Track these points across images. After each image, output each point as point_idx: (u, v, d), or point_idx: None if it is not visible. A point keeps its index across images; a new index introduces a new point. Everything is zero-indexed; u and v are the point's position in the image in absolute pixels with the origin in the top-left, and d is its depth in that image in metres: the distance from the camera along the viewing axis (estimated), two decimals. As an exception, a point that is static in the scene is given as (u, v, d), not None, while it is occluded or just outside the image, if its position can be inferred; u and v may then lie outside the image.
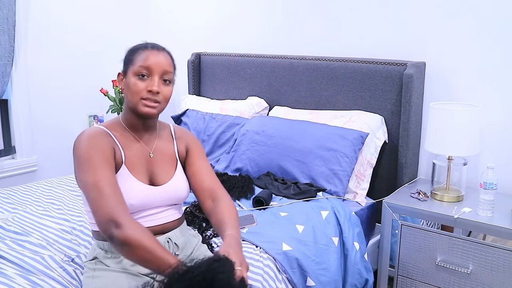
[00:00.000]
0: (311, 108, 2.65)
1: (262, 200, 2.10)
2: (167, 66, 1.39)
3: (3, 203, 2.08)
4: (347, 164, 2.27)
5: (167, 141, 1.52)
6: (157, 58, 1.37)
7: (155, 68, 1.36)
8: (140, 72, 1.36)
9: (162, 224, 1.43)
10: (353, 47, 2.57)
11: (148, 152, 1.45)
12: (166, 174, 1.46)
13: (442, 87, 2.34)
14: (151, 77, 1.37)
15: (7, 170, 2.88)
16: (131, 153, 1.41)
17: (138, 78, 1.36)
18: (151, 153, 1.45)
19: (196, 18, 3.24)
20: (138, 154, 1.42)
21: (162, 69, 1.37)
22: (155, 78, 1.37)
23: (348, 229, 2.01)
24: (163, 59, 1.39)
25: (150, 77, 1.37)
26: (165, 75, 1.39)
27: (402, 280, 2.11)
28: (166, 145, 1.50)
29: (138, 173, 1.40)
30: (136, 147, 1.43)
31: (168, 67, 1.39)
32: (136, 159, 1.41)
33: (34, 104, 2.95)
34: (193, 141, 1.57)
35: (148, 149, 1.46)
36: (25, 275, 1.47)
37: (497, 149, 2.22)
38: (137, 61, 1.37)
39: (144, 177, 1.41)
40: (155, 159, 1.45)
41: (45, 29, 2.97)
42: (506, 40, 2.14)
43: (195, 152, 1.53)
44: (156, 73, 1.37)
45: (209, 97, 3.12)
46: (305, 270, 1.76)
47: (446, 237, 1.96)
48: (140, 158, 1.42)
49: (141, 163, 1.42)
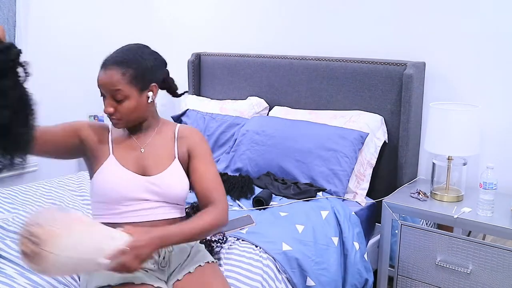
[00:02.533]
0: (311, 108, 2.65)
1: (262, 200, 2.10)
2: (113, 84, 1.36)
3: (3, 203, 2.08)
4: (347, 164, 2.27)
5: (167, 140, 1.51)
6: (103, 78, 1.38)
7: (104, 89, 1.39)
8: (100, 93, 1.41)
9: (152, 221, 1.42)
10: (353, 47, 2.57)
11: (139, 147, 1.47)
12: (158, 167, 1.46)
13: (442, 87, 2.34)
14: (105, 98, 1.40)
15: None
16: (121, 147, 1.46)
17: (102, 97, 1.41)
18: (142, 148, 1.47)
19: (196, 18, 3.24)
20: (128, 148, 1.47)
21: (109, 89, 1.37)
22: (107, 99, 1.40)
23: (348, 229, 2.01)
24: (108, 78, 1.36)
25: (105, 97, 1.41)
26: (115, 94, 1.37)
27: (402, 280, 2.11)
28: (164, 143, 1.50)
29: (126, 163, 1.44)
30: (128, 142, 1.48)
31: (115, 85, 1.36)
32: (125, 152, 1.46)
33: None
34: (198, 144, 1.51)
35: (140, 144, 1.48)
36: (25, 274, 1.47)
37: (497, 149, 2.22)
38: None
39: (134, 167, 1.44)
40: (146, 154, 1.47)
41: (45, 29, 2.97)
42: (506, 40, 2.14)
43: (198, 156, 1.49)
44: (107, 94, 1.39)
45: (209, 97, 3.12)
46: (305, 270, 1.76)
47: (446, 237, 1.96)
48: (130, 152, 1.46)
49: (131, 156, 1.46)
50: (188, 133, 1.54)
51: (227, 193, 2.24)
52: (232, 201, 2.18)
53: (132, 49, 1.43)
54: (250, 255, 1.67)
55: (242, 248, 1.72)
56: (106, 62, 1.39)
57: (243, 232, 1.83)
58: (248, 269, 1.61)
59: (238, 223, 1.89)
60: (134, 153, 1.46)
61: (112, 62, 1.38)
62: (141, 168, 1.45)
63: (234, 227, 1.86)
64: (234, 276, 1.57)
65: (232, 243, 1.75)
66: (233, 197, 2.21)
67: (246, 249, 1.71)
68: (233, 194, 2.22)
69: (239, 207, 2.12)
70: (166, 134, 1.52)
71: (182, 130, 1.55)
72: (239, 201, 2.18)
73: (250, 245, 1.74)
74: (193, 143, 1.51)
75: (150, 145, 1.48)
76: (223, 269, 1.59)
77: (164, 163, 1.47)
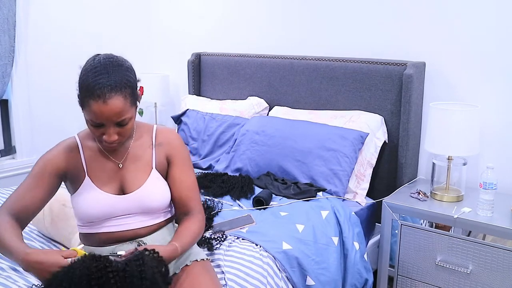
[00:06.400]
0: (311, 108, 2.65)
1: (262, 200, 2.10)
2: (119, 113, 1.27)
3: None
4: (347, 164, 2.28)
5: (144, 148, 1.46)
6: (107, 111, 1.25)
7: (107, 121, 1.28)
8: (94, 123, 1.29)
9: (132, 229, 1.40)
10: (353, 47, 2.57)
11: (117, 162, 1.42)
12: (137, 181, 1.41)
13: (442, 87, 2.34)
14: (104, 127, 1.30)
15: (7, 170, 2.88)
16: (97, 165, 1.40)
17: (92, 126, 1.30)
18: (120, 164, 1.42)
19: (196, 18, 3.24)
20: (104, 165, 1.41)
21: (114, 119, 1.28)
22: (110, 129, 1.30)
23: (348, 229, 2.01)
24: (112, 109, 1.25)
25: (102, 126, 1.30)
26: (121, 121, 1.29)
27: (402, 280, 2.11)
28: (142, 152, 1.45)
29: (103, 184, 1.39)
30: (104, 158, 1.41)
31: (120, 113, 1.27)
32: (101, 170, 1.40)
33: (34, 104, 2.96)
34: (176, 149, 1.48)
35: (117, 160, 1.42)
36: (24, 276, 1.48)
37: (497, 149, 2.22)
38: (86, 110, 1.28)
39: (111, 187, 1.39)
40: (125, 169, 1.42)
41: (45, 30, 2.97)
42: (506, 40, 2.14)
43: (176, 163, 1.47)
44: (109, 124, 1.29)
45: (209, 97, 3.12)
46: (305, 269, 1.76)
47: (446, 237, 1.96)
48: (106, 169, 1.41)
49: (108, 174, 1.40)
50: (166, 139, 1.49)
51: (227, 193, 2.25)
52: (232, 201, 2.18)
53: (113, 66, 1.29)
54: (250, 253, 1.67)
55: (242, 246, 1.72)
56: (101, 92, 1.24)
57: (243, 231, 1.84)
58: (248, 266, 1.61)
59: (238, 223, 1.89)
60: (110, 170, 1.41)
61: (109, 90, 1.24)
62: (119, 186, 1.41)
63: (234, 226, 1.86)
64: (234, 272, 1.57)
65: (232, 241, 1.76)
66: (233, 197, 2.21)
67: (246, 247, 1.71)
68: (233, 194, 2.22)
69: (239, 207, 2.12)
70: (143, 141, 1.47)
71: (159, 135, 1.49)
72: (239, 201, 2.18)
73: (250, 243, 1.74)
74: (172, 149, 1.47)
75: (129, 158, 1.43)
76: (223, 265, 1.59)
77: (143, 176, 1.42)
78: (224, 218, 1.95)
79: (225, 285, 1.51)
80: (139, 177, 1.42)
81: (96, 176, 1.39)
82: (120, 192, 1.40)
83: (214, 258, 1.63)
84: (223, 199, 2.20)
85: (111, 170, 1.41)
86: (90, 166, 1.40)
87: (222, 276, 1.54)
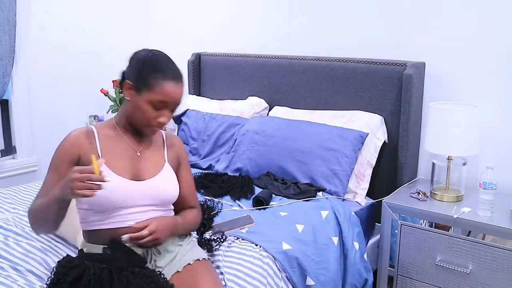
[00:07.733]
0: (311, 108, 2.65)
1: (262, 200, 2.10)
2: (181, 98, 1.41)
3: (3, 203, 2.09)
4: (347, 164, 2.28)
5: (158, 146, 1.54)
6: (176, 93, 1.38)
7: (172, 103, 1.39)
8: (157, 104, 1.36)
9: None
10: (353, 47, 2.57)
11: (135, 150, 1.46)
12: (153, 170, 1.47)
13: (442, 87, 2.34)
14: (165, 109, 1.39)
15: (8, 170, 2.89)
16: (114, 151, 1.43)
17: (152, 107, 1.37)
18: (138, 152, 1.47)
19: (196, 18, 3.24)
20: (122, 152, 1.44)
21: (178, 101, 1.40)
22: (169, 112, 1.40)
23: (348, 229, 2.01)
24: (180, 92, 1.39)
25: (163, 108, 1.38)
26: (179, 104, 1.41)
27: (402, 280, 2.11)
28: (156, 149, 1.53)
29: (119, 169, 1.40)
30: (122, 145, 1.45)
31: (182, 98, 1.41)
32: (118, 156, 1.42)
33: (34, 104, 2.96)
34: (183, 153, 1.61)
35: (136, 148, 1.47)
36: (24, 275, 1.48)
37: (497, 149, 2.22)
38: (155, 90, 1.35)
39: (126, 173, 1.41)
40: (142, 157, 1.47)
41: (45, 30, 2.97)
42: (506, 40, 2.14)
43: (184, 165, 1.60)
44: (171, 107, 1.39)
45: (209, 97, 3.12)
46: (304, 269, 1.76)
47: (445, 237, 1.96)
48: (124, 156, 1.44)
49: (124, 160, 1.43)
50: (176, 141, 1.61)
51: (227, 193, 2.25)
52: (232, 201, 2.19)
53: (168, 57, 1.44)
54: (250, 253, 1.67)
55: (242, 246, 1.72)
56: (177, 75, 1.40)
57: (243, 231, 1.84)
58: (248, 266, 1.61)
59: (238, 223, 1.89)
60: (127, 157, 1.44)
61: (181, 76, 1.41)
62: (135, 173, 1.43)
63: (234, 227, 1.86)
64: (234, 273, 1.57)
65: (232, 242, 1.76)
66: (233, 197, 2.21)
67: (246, 247, 1.71)
68: (233, 194, 2.22)
69: (239, 207, 2.12)
70: (156, 139, 1.55)
71: (168, 137, 1.60)
72: (239, 201, 2.18)
73: (250, 244, 1.74)
74: (180, 151, 1.60)
75: (145, 150, 1.49)
76: (223, 265, 1.60)
77: (157, 167, 1.48)
78: (224, 218, 1.95)
79: (225, 285, 1.51)
80: (154, 167, 1.48)
81: (112, 161, 1.40)
82: (136, 179, 1.43)
83: (214, 259, 1.63)
84: (223, 199, 2.20)
85: (128, 157, 1.44)
86: (105, 152, 1.42)
87: (221, 277, 1.55)
